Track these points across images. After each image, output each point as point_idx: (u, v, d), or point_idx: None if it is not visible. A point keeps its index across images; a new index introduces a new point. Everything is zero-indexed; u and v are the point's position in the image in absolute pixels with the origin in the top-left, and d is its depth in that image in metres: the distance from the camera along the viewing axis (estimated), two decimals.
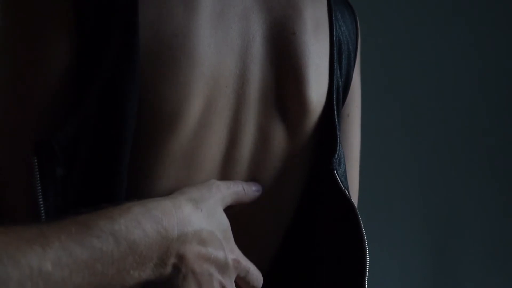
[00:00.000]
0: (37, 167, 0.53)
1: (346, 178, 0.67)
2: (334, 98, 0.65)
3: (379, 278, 1.93)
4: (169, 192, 0.58)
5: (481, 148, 2.02)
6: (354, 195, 0.74)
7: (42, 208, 0.53)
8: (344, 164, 0.67)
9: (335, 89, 0.65)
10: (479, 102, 2.03)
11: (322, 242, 0.67)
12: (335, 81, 0.65)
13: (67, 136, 0.54)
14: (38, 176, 0.53)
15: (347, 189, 0.64)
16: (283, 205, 0.66)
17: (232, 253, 0.59)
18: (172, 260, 0.52)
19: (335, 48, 0.66)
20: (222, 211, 0.59)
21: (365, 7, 1.07)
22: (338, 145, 0.65)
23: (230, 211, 0.61)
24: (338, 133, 0.65)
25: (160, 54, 0.56)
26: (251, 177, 0.63)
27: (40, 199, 0.53)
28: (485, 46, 2.02)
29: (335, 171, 0.63)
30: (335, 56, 0.66)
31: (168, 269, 0.52)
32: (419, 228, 1.99)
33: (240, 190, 0.62)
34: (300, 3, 0.64)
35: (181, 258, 0.53)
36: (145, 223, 0.50)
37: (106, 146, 0.55)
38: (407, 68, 1.97)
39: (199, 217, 0.56)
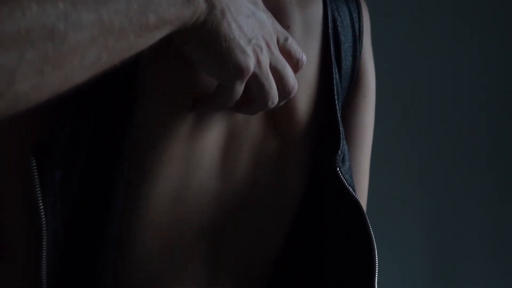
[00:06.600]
0: (36, 171, 0.51)
1: (351, 176, 0.66)
2: (335, 93, 0.64)
3: (379, 278, 1.93)
4: (168, 190, 0.57)
5: (481, 148, 2.02)
6: (362, 192, 0.73)
7: (42, 211, 0.52)
8: (349, 161, 0.66)
9: (334, 84, 0.64)
10: (480, 102, 2.02)
11: (328, 240, 0.65)
12: (334, 75, 0.64)
13: (65, 138, 0.53)
14: (37, 180, 0.51)
15: (352, 187, 0.63)
16: (287, 203, 0.65)
17: (266, 12, 0.52)
18: None
19: (331, 42, 0.65)
20: None
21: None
22: (341, 141, 0.63)
23: (232, 204, 0.60)
24: (341, 129, 0.64)
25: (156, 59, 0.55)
26: (252, 174, 0.62)
27: (40, 203, 0.52)
28: (486, 46, 2.02)
29: (338, 169, 0.62)
30: (331, 50, 0.65)
31: (201, 3, 0.45)
32: (419, 228, 1.98)
33: None
34: None
35: None
36: None
37: (104, 146, 0.55)
38: (408, 68, 1.97)
39: None
